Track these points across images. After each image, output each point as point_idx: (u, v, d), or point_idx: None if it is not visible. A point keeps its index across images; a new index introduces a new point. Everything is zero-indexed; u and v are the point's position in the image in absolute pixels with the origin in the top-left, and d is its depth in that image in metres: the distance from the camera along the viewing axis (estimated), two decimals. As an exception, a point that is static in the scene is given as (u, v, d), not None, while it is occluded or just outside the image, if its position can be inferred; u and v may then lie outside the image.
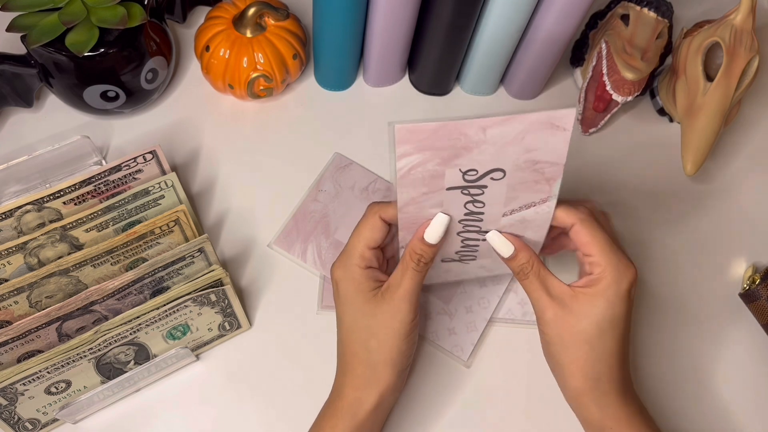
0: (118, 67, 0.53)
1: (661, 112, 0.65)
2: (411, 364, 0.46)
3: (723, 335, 0.56)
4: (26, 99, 0.56)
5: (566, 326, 0.42)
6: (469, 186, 0.40)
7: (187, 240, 0.50)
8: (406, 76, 0.65)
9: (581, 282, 0.42)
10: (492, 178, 0.39)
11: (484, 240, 0.43)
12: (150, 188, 0.49)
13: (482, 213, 0.41)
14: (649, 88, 0.65)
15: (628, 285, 0.41)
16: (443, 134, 0.37)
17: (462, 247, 0.44)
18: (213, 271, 0.45)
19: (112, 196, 0.50)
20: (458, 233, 0.43)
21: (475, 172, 0.39)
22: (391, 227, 0.44)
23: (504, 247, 0.43)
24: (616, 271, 0.41)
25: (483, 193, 0.40)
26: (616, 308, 0.41)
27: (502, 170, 0.39)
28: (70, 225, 0.47)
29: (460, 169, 0.39)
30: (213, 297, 0.46)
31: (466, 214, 0.42)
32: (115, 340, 0.44)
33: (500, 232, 0.43)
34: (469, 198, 0.40)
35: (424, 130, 0.37)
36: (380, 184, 0.58)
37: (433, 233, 0.42)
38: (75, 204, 0.49)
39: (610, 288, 0.41)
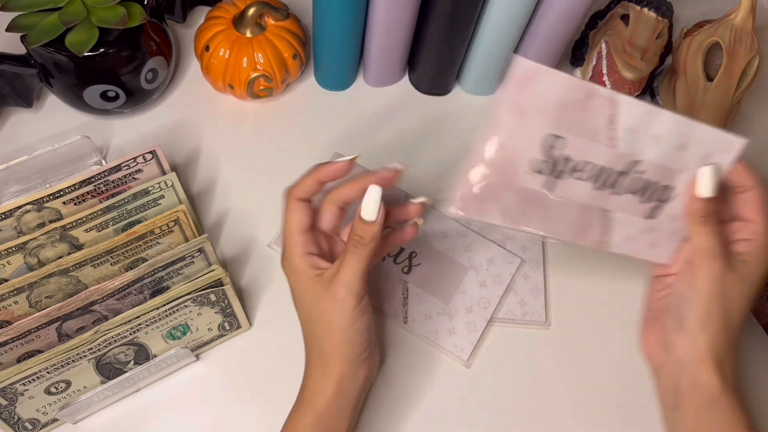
0: (118, 67, 0.53)
1: (661, 112, 0.65)
2: (371, 349, 0.44)
3: (723, 335, 0.56)
4: (26, 99, 0.56)
5: (729, 283, 0.41)
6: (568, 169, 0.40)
7: (186, 240, 0.50)
8: (406, 76, 0.65)
9: (741, 247, 0.42)
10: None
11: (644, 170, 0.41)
12: (150, 188, 0.49)
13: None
14: (649, 87, 0.65)
15: None
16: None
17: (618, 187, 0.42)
18: (213, 271, 0.45)
19: (112, 196, 0.50)
20: (598, 189, 0.41)
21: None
22: (340, 210, 0.44)
23: (710, 180, 0.42)
24: None
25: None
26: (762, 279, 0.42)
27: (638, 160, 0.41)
28: (70, 225, 0.47)
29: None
30: (213, 297, 0.46)
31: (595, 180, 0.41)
32: (115, 340, 0.44)
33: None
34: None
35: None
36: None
37: (368, 210, 0.40)
38: (75, 204, 0.49)
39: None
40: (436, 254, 0.56)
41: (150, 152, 0.50)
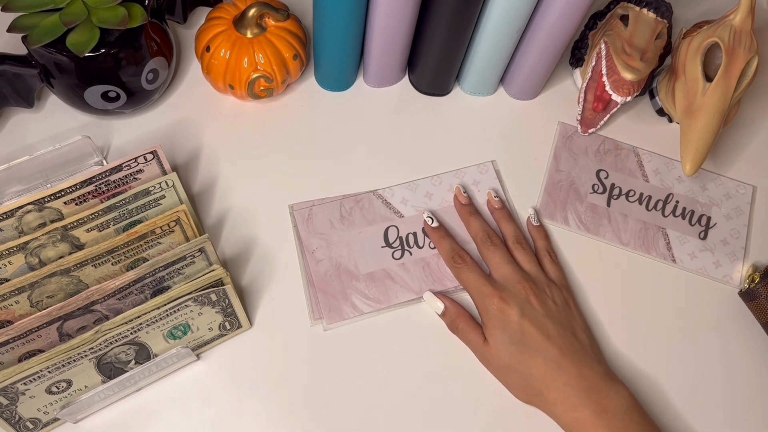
0: (118, 68, 0.53)
1: (660, 112, 0.65)
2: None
3: (722, 334, 0.56)
4: (27, 99, 0.56)
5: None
6: None
7: (187, 240, 0.50)
8: (406, 77, 0.65)
9: None
10: None
11: None
12: (151, 188, 0.49)
13: None
14: (648, 88, 0.65)
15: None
16: None
17: None
18: (213, 270, 0.46)
19: (113, 196, 0.50)
20: None
21: None
22: None
23: (435, 305, 0.53)
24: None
25: None
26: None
27: None
28: (71, 225, 0.47)
29: None
30: (213, 297, 0.46)
31: None
32: (116, 340, 0.45)
33: (432, 292, 0.53)
34: None
35: None
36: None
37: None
38: (76, 204, 0.50)
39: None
40: (442, 215, 0.58)
41: (151, 152, 0.50)
